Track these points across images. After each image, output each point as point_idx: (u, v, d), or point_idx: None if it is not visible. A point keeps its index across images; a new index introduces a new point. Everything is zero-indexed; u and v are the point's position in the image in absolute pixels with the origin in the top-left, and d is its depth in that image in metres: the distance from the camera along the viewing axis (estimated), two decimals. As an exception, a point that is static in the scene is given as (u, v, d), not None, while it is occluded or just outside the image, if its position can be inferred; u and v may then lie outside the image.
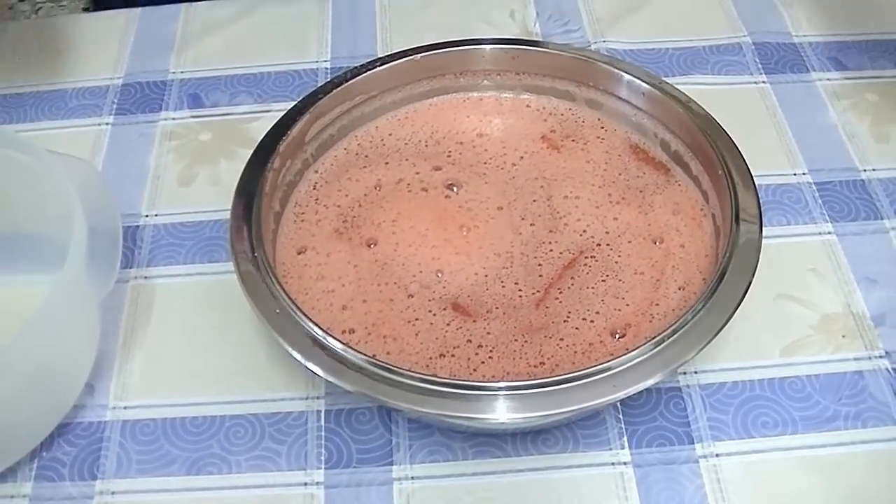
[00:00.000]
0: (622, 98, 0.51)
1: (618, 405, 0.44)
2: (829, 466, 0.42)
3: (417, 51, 0.52)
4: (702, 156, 0.48)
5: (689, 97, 0.49)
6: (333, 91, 0.50)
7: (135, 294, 0.49)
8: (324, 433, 0.44)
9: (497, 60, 0.53)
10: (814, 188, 0.53)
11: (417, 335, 0.44)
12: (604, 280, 0.45)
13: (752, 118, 0.57)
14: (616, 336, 0.43)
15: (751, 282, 0.41)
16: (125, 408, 0.45)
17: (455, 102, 0.54)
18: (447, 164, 0.51)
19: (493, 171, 0.51)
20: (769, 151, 0.55)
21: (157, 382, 0.46)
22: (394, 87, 0.52)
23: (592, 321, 0.44)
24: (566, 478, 0.42)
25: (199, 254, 0.51)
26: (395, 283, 0.46)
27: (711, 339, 0.39)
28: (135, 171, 0.55)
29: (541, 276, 0.46)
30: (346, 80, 0.51)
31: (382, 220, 0.48)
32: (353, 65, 0.52)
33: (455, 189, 0.50)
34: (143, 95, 0.60)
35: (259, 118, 0.58)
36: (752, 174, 0.46)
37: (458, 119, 0.53)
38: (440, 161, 0.51)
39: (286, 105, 0.50)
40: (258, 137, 0.48)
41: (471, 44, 0.53)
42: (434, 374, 0.40)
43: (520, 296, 0.45)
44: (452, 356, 0.43)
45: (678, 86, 0.50)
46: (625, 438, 0.43)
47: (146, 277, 0.50)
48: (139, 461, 0.43)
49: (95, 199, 0.45)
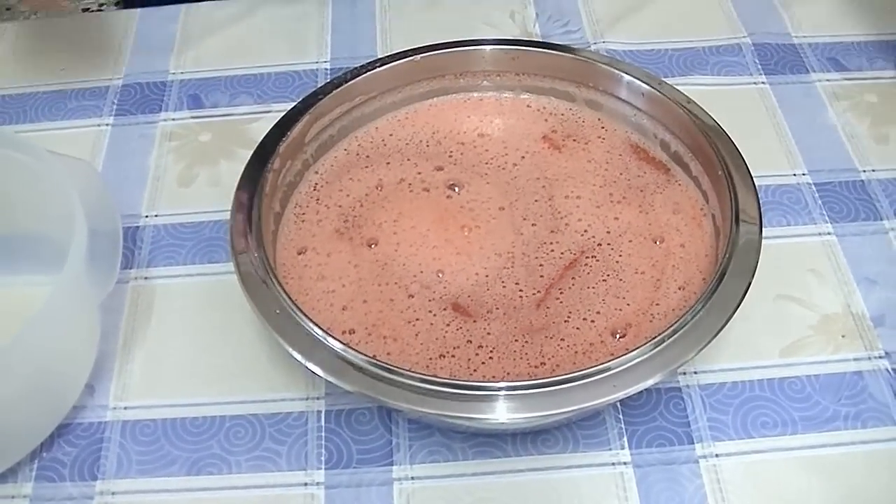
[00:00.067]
0: (622, 99, 0.51)
1: (618, 405, 0.44)
2: (829, 466, 0.42)
3: (417, 51, 0.52)
4: (702, 156, 0.48)
5: (689, 98, 0.49)
6: (333, 92, 0.50)
7: (135, 295, 0.49)
8: (324, 433, 0.44)
9: (497, 61, 0.53)
10: (813, 189, 0.53)
11: (418, 335, 0.44)
12: (604, 280, 0.45)
13: (752, 119, 0.57)
14: (617, 336, 0.43)
15: (751, 282, 0.41)
16: (125, 408, 0.45)
17: (455, 103, 0.54)
18: (449, 165, 0.51)
19: (495, 172, 0.51)
20: (769, 152, 0.55)
21: (158, 383, 0.46)
22: (394, 88, 0.52)
23: (593, 321, 0.44)
24: (566, 478, 0.42)
25: (200, 254, 0.51)
26: (396, 284, 0.46)
27: (711, 340, 0.39)
28: (135, 172, 0.55)
29: (542, 277, 0.46)
30: (346, 81, 0.51)
31: (384, 220, 0.48)
32: (353, 65, 0.52)
33: (457, 189, 0.50)
34: (144, 96, 0.60)
35: (259, 119, 0.58)
36: (752, 175, 0.46)
37: (459, 119, 0.53)
38: (442, 161, 0.51)
39: (286, 106, 0.50)
40: (258, 138, 0.48)
41: (471, 44, 0.53)
42: (434, 375, 0.40)
43: (520, 296, 0.45)
44: (453, 356, 0.43)
45: (678, 86, 0.50)
46: (625, 438, 0.43)
47: (146, 278, 0.50)
48: (139, 461, 0.43)
49: (95, 200, 0.45)
